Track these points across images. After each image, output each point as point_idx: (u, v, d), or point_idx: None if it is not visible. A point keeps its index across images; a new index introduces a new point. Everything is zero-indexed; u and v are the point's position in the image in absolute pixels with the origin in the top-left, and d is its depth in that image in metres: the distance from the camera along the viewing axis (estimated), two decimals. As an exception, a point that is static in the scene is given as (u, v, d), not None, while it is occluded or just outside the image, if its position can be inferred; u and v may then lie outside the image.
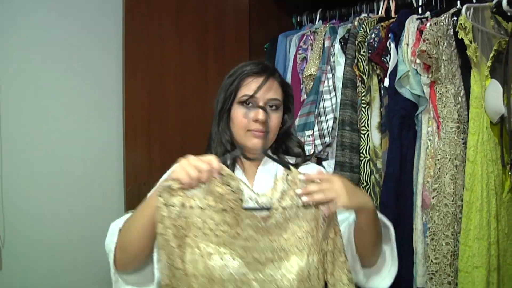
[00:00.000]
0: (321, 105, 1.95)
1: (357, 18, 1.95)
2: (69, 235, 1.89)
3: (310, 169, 1.27)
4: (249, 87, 1.20)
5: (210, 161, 0.94)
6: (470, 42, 1.52)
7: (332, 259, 0.99)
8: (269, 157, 1.17)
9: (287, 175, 1.00)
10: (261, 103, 1.19)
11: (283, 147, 1.30)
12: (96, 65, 1.97)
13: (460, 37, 1.54)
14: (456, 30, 1.55)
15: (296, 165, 1.24)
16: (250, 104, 1.20)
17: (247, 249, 0.95)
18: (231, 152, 1.20)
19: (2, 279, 1.71)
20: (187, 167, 0.94)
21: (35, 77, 1.80)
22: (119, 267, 1.06)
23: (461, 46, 1.59)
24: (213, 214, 0.93)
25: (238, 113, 1.20)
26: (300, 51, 2.11)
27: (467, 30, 1.51)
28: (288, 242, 0.98)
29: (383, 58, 1.77)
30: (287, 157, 1.29)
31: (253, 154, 1.18)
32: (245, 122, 1.19)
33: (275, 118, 1.22)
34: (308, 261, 0.98)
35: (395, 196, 1.68)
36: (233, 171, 1.20)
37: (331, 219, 0.99)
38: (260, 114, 1.17)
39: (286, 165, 1.04)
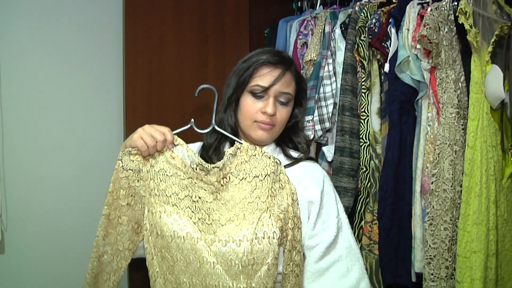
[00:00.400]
0: (321, 90, 1.94)
1: (357, 3, 1.92)
2: (70, 222, 1.91)
3: (311, 168, 1.25)
4: (263, 77, 1.18)
5: (165, 132, 1.08)
6: (471, 27, 1.51)
7: (293, 225, 1.09)
8: (220, 132, 1.18)
9: (238, 148, 1.12)
10: (272, 96, 1.18)
11: (289, 140, 1.28)
12: (95, 50, 1.97)
13: (460, 22, 1.52)
14: (457, 15, 1.54)
15: (298, 160, 1.25)
16: (260, 95, 1.18)
17: (195, 210, 1.08)
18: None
19: (4, 263, 1.73)
20: (144, 136, 1.07)
21: (34, 66, 1.80)
22: None
23: (461, 31, 1.58)
24: (165, 177, 1.08)
25: (247, 101, 1.19)
26: (300, 37, 2.10)
27: (467, 15, 1.50)
28: (238, 206, 1.09)
29: (383, 44, 1.76)
30: (290, 150, 1.27)
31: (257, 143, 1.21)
32: (252, 112, 1.18)
33: (283, 112, 1.20)
34: (257, 224, 1.06)
35: (394, 182, 1.68)
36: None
37: (285, 187, 1.10)
38: (269, 107, 1.16)
39: (238, 140, 1.15)
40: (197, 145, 1.30)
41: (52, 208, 1.86)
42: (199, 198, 1.09)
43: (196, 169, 1.10)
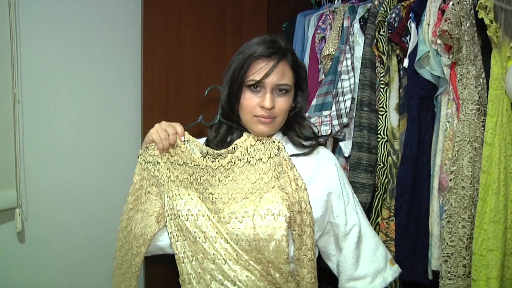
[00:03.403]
0: (339, 85, 1.93)
1: (377, -3, 1.91)
2: (89, 213, 1.94)
3: (322, 155, 1.28)
4: (258, 72, 1.16)
5: (175, 126, 1.23)
6: (491, 22, 1.48)
7: (299, 209, 1.13)
8: (225, 123, 1.26)
9: (246, 138, 1.21)
10: (268, 88, 1.16)
11: (294, 129, 1.28)
12: (113, 44, 1.98)
13: (480, 17, 1.50)
14: (476, 9, 1.52)
15: (308, 148, 1.27)
16: (258, 88, 1.17)
17: (202, 191, 1.19)
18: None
19: (25, 252, 1.76)
20: (158, 129, 1.22)
21: (53, 61, 1.82)
22: None
23: (482, 26, 1.55)
24: (178, 166, 1.21)
25: (245, 96, 1.18)
26: (318, 31, 2.09)
27: (488, 9, 1.47)
28: (240, 186, 1.17)
29: (403, 38, 1.74)
30: (299, 139, 1.28)
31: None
32: (251, 106, 1.17)
33: (282, 103, 1.18)
34: (259, 202, 1.12)
35: (411, 178, 1.67)
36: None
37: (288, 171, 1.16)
38: (267, 101, 1.15)
39: (244, 130, 1.23)
40: (203, 140, 1.34)
41: (71, 199, 1.88)
42: (205, 180, 1.20)
43: (205, 157, 1.22)
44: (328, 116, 1.92)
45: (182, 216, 1.16)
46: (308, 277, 1.15)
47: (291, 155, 1.22)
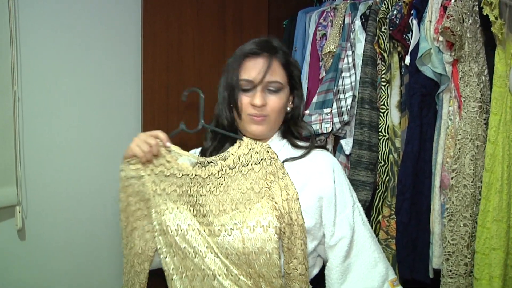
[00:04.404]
0: (340, 82, 1.92)
1: (379, -6, 1.90)
2: (88, 211, 1.94)
3: (321, 158, 1.21)
4: (248, 71, 1.16)
5: (157, 134, 1.14)
6: (496, 18, 1.46)
7: (289, 221, 1.08)
8: (210, 128, 1.22)
9: (239, 145, 1.16)
10: (259, 87, 1.15)
11: (291, 131, 1.25)
12: (114, 42, 1.98)
13: (485, 13, 1.48)
14: (481, 5, 1.50)
15: (306, 149, 1.22)
16: (249, 88, 1.16)
17: (192, 204, 1.13)
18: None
19: (25, 250, 1.76)
20: (139, 143, 1.12)
21: (53, 59, 1.82)
22: None
23: (486, 23, 1.54)
24: (164, 178, 1.14)
25: (239, 97, 1.17)
26: (319, 28, 2.08)
27: (492, 5, 1.46)
28: (231, 197, 1.12)
29: (404, 35, 1.72)
30: (298, 141, 1.25)
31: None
32: (245, 106, 1.16)
33: (274, 101, 1.16)
34: (248, 213, 1.08)
35: (413, 176, 1.66)
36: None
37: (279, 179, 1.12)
38: (257, 99, 1.14)
39: (237, 136, 1.18)
40: (198, 150, 1.31)
41: (71, 196, 1.89)
42: (195, 191, 1.14)
43: (195, 166, 1.15)
44: (329, 114, 1.91)
45: (171, 231, 1.12)
46: None
47: (286, 160, 1.18)
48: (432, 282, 1.67)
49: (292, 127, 1.24)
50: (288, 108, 1.24)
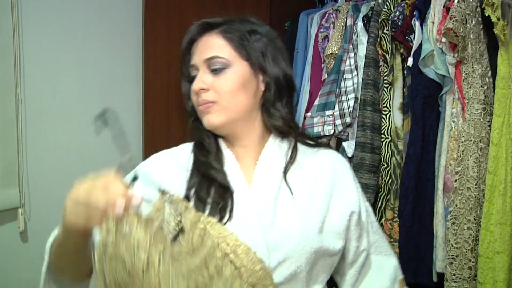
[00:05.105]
0: (342, 84, 1.91)
1: (381, -5, 1.89)
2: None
3: (334, 159, 1.00)
4: (191, 58, 0.97)
5: (116, 195, 0.71)
6: (498, 19, 1.45)
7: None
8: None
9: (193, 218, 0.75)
10: (199, 70, 0.94)
11: (265, 122, 0.97)
12: (115, 41, 1.98)
13: (487, 14, 1.47)
14: (483, 6, 1.49)
15: (318, 145, 1.01)
16: (193, 77, 0.95)
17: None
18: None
19: (27, 251, 1.77)
20: (98, 194, 0.73)
21: (54, 58, 1.82)
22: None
23: (489, 24, 1.52)
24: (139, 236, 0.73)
25: (186, 91, 1.00)
26: (321, 30, 2.07)
27: (495, 6, 1.45)
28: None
29: (407, 37, 1.72)
30: (280, 141, 0.97)
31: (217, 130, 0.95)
32: (193, 98, 0.96)
33: (221, 81, 0.92)
34: None
35: (416, 178, 1.65)
36: (221, 163, 0.94)
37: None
38: (193, 84, 0.94)
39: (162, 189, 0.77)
40: (185, 149, 1.01)
41: (71, 172, 1.88)
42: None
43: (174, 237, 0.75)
44: (331, 116, 1.90)
45: None
46: None
47: (289, 163, 0.94)
48: (435, 285, 1.65)
49: (264, 118, 0.96)
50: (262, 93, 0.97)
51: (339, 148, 1.96)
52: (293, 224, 0.88)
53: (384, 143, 1.78)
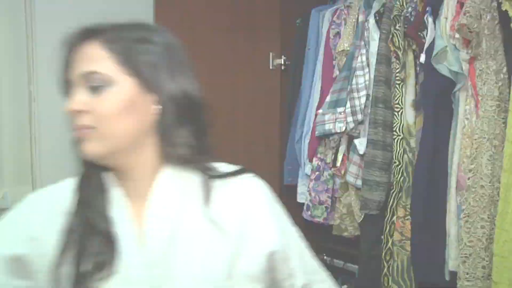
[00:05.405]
0: (354, 81, 1.90)
1: (393, -9, 1.87)
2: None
3: (237, 187, 0.84)
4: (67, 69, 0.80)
5: None
6: (515, 14, 1.43)
7: None
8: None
9: None
10: (75, 86, 0.77)
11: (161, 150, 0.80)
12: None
13: (504, 9, 1.45)
14: (500, 1, 1.46)
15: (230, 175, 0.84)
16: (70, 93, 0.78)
17: None
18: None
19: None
20: None
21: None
22: None
23: (505, 19, 1.50)
24: None
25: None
26: (333, 26, 2.07)
27: (512, 0, 1.42)
28: None
29: (419, 33, 1.70)
30: (180, 171, 0.80)
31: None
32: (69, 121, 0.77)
33: (99, 103, 0.74)
34: None
35: (428, 176, 1.64)
36: (107, 204, 0.79)
37: None
38: (69, 103, 0.76)
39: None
40: (68, 186, 0.85)
41: None
42: None
43: None
44: (342, 113, 1.90)
45: None
46: None
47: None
48: (448, 284, 1.64)
49: (163, 147, 0.79)
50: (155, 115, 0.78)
51: (350, 145, 1.95)
52: (194, 273, 0.76)
53: (396, 140, 1.77)
